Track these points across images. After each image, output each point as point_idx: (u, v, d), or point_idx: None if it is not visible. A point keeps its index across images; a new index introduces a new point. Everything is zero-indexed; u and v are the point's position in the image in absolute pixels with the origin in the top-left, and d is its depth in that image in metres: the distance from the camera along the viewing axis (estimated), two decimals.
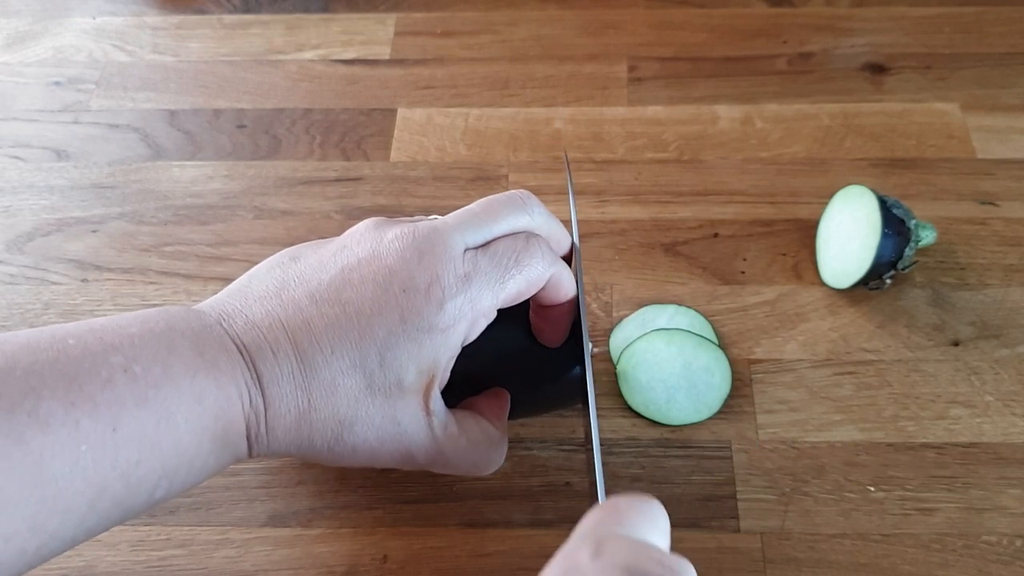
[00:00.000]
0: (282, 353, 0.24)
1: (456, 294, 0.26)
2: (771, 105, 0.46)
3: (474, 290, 0.26)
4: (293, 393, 0.24)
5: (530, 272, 0.27)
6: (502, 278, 0.26)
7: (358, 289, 0.25)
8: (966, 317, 0.38)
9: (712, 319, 0.38)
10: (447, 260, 0.26)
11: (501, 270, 0.27)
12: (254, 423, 0.24)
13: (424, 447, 0.27)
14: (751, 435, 0.35)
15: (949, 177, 0.43)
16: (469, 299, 0.26)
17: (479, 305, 0.26)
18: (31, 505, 0.20)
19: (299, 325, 0.25)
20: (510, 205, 0.28)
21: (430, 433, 0.27)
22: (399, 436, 0.26)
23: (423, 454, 0.27)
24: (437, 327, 0.25)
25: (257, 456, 0.26)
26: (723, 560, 0.32)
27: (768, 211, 0.42)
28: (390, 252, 0.26)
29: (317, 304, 0.25)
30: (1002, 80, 0.47)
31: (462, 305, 0.26)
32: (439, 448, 0.27)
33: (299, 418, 0.25)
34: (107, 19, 0.53)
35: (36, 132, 0.47)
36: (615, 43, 0.50)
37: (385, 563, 0.32)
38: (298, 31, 0.52)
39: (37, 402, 0.20)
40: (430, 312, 0.25)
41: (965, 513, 0.32)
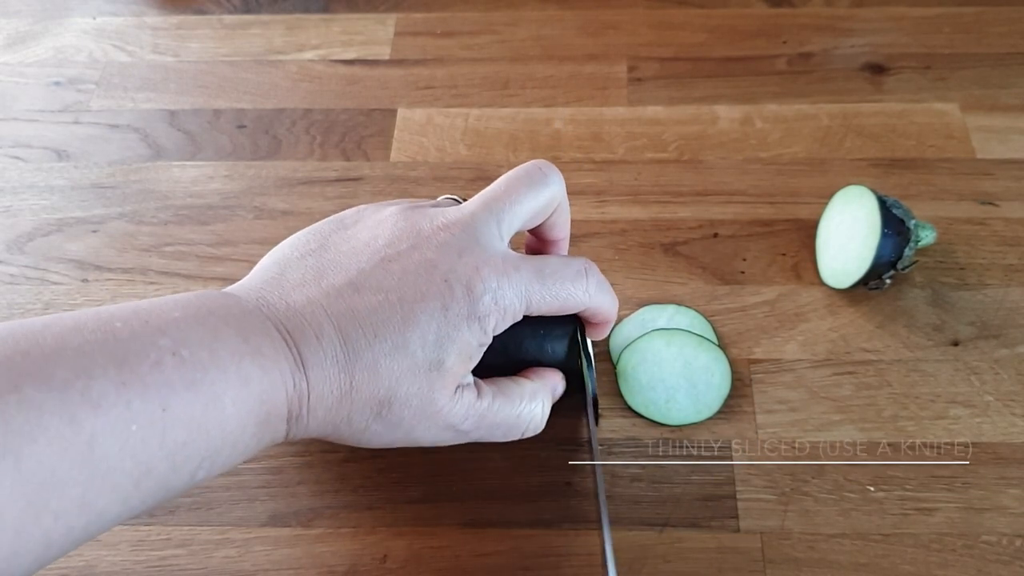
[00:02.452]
0: (326, 337, 0.25)
1: (494, 289, 0.27)
2: (771, 105, 0.46)
3: (509, 291, 0.27)
4: (336, 376, 0.25)
5: (568, 301, 0.29)
6: (538, 294, 0.28)
7: (400, 279, 0.27)
8: (966, 317, 0.38)
9: (712, 319, 0.38)
10: (488, 256, 0.28)
11: (538, 285, 0.28)
12: (296, 406, 0.25)
13: (465, 417, 0.28)
14: (751, 435, 0.35)
15: (949, 177, 0.43)
16: (503, 297, 0.27)
17: (509, 307, 0.28)
18: (81, 484, 0.20)
19: (342, 311, 0.26)
20: (529, 180, 0.30)
21: (468, 404, 0.28)
22: (438, 413, 0.27)
23: (467, 424, 0.28)
24: (475, 315, 0.27)
25: (292, 439, 0.26)
26: (723, 560, 0.32)
27: (768, 211, 0.42)
28: (430, 246, 0.27)
29: (359, 291, 0.26)
30: (1002, 80, 0.47)
31: (499, 299, 0.27)
32: (480, 414, 0.28)
33: (340, 399, 0.26)
34: (107, 19, 0.53)
35: (36, 132, 0.47)
36: (615, 43, 0.50)
37: (385, 563, 0.32)
38: (298, 31, 0.52)
39: (89, 382, 0.21)
40: (471, 303, 0.27)
41: (965, 513, 0.33)
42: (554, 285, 0.28)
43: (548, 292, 0.28)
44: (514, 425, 0.30)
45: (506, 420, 0.29)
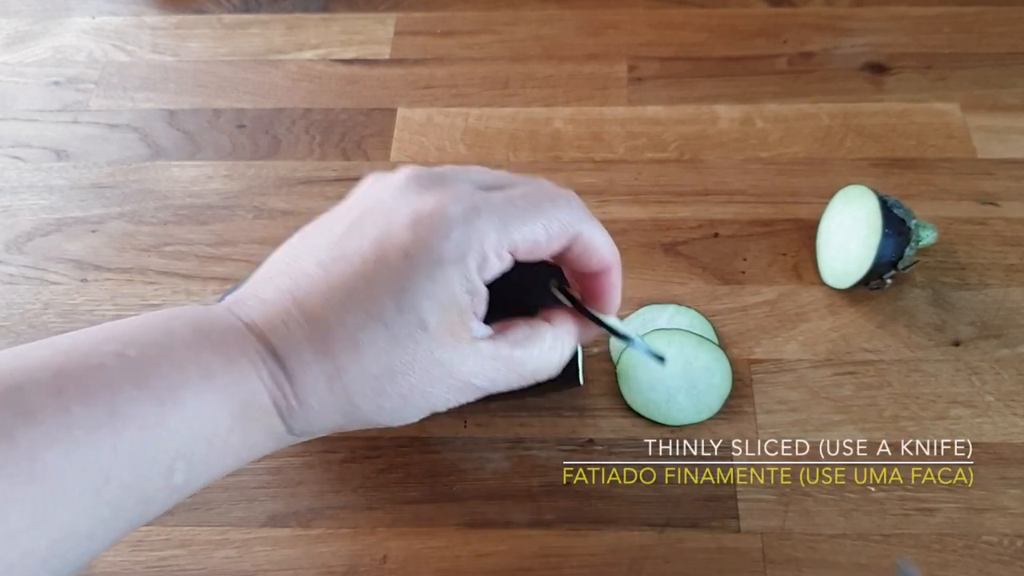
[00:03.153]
0: (293, 322, 0.24)
1: (462, 223, 0.24)
2: (771, 105, 0.46)
3: (482, 222, 0.24)
4: (316, 360, 0.23)
5: (551, 222, 0.25)
6: (516, 218, 0.24)
7: (359, 240, 0.24)
8: (966, 317, 0.38)
9: (712, 319, 0.38)
10: (453, 189, 0.24)
11: (516, 210, 0.24)
12: (281, 398, 0.24)
13: (481, 372, 0.25)
14: (751, 435, 0.35)
15: (949, 177, 0.43)
16: (477, 230, 0.24)
17: (487, 240, 0.24)
18: (29, 501, 0.19)
19: (306, 291, 0.24)
20: (553, 198, 0.26)
21: (483, 358, 0.25)
22: (449, 373, 0.25)
23: (484, 380, 0.26)
24: (446, 258, 0.23)
25: (303, 435, 0.25)
26: (724, 560, 0.32)
27: (768, 211, 0.42)
28: (393, 192, 0.25)
29: (324, 267, 0.24)
30: (1002, 80, 0.47)
31: (470, 235, 0.23)
32: (496, 367, 0.26)
33: (330, 384, 0.24)
34: (107, 19, 0.53)
35: (36, 132, 0.47)
36: (615, 43, 0.50)
37: (385, 563, 0.32)
38: (298, 31, 0.52)
39: (20, 395, 0.20)
40: (435, 242, 0.23)
41: (965, 513, 0.32)
42: (533, 206, 0.25)
43: (528, 214, 0.24)
44: (532, 372, 0.27)
45: (524, 368, 0.26)
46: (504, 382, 0.26)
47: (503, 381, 0.26)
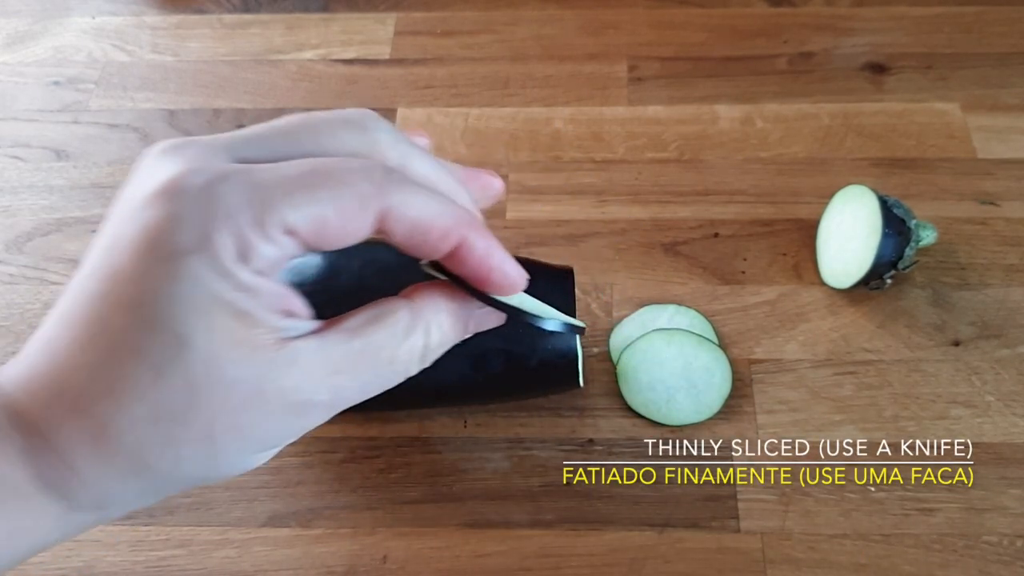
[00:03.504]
0: (41, 376, 0.18)
1: (199, 198, 0.18)
2: (771, 105, 0.46)
3: (228, 192, 0.18)
4: (70, 418, 0.18)
5: (340, 193, 0.18)
6: (282, 190, 0.18)
7: (94, 250, 0.19)
8: (967, 317, 0.38)
9: (712, 319, 0.38)
10: (196, 158, 0.18)
11: (284, 180, 0.18)
12: (47, 468, 0.18)
13: (313, 381, 0.19)
14: (751, 435, 0.35)
15: (949, 177, 0.43)
16: (220, 204, 0.17)
17: (239, 216, 0.17)
18: None
19: (54, 334, 0.19)
20: (346, 166, 0.19)
21: (305, 363, 0.19)
22: (260, 393, 0.18)
23: (321, 389, 0.19)
24: (182, 247, 0.17)
25: (104, 508, 0.19)
26: (724, 560, 0.32)
27: (768, 211, 0.42)
28: (133, 176, 0.19)
29: (70, 297, 0.19)
30: (1002, 80, 0.47)
31: (212, 210, 0.17)
32: (334, 367, 0.19)
33: (96, 444, 0.18)
34: (107, 19, 0.53)
35: (36, 132, 0.47)
36: (615, 43, 0.50)
37: (385, 563, 0.32)
38: (298, 31, 0.52)
39: None
40: (167, 228, 0.17)
41: (966, 513, 0.32)
42: (310, 173, 0.18)
43: (302, 184, 0.18)
44: (391, 363, 0.20)
45: (377, 360, 0.20)
46: (358, 387, 0.20)
47: (357, 386, 0.20)
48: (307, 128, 0.20)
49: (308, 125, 0.20)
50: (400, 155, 0.20)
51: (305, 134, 0.20)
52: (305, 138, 0.20)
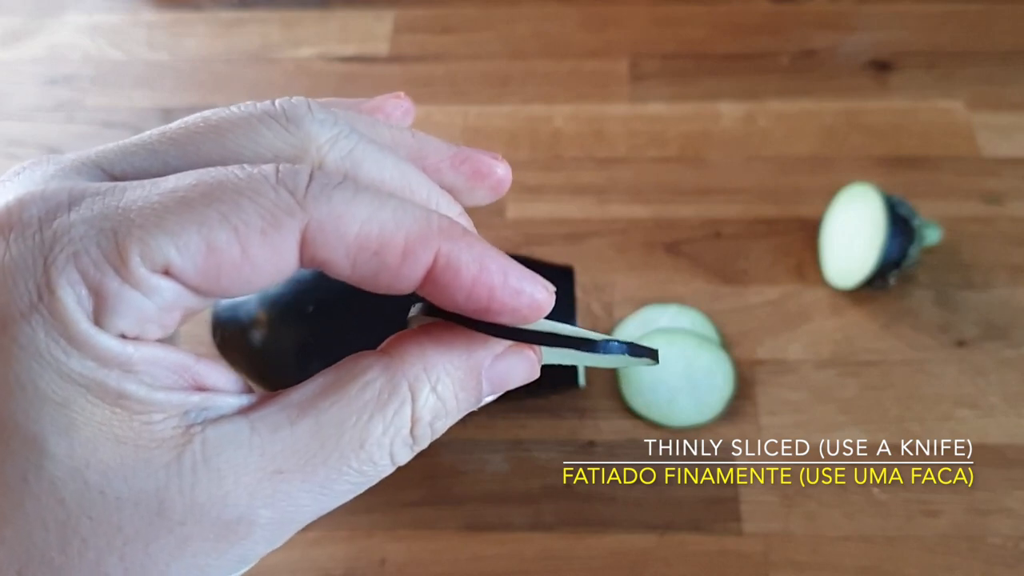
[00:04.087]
0: None
1: (36, 233, 0.13)
2: (774, 103, 0.46)
3: (72, 224, 0.13)
4: None
5: (242, 212, 0.13)
6: (152, 215, 0.13)
7: None
8: (971, 317, 0.37)
9: (714, 319, 0.38)
10: (44, 180, 0.14)
11: (160, 203, 0.13)
12: None
13: (239, 490, 0.13)
14: (754, 437, 0.34)
15: (954, 176, 0.42)
16: (60, 240, 0.13)
17: (83, 257, 0.12)
18: None
19: None
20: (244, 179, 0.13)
21: (225, 461, 0.13)
22: (161, 511, 0.13)
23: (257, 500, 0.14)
24: (12, 307, 0.12)
25: None
26: (726, 563, 0.31)
27: (771, 210, 0.42)
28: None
29: None
30: (1007, 78, 0.46)
31: (50, 251, 0.13)
32: (272, 465, 0.14)
33: None
34: (102, 16, 0.53)
35: (31, 130, 0.47)
36: (616, 39, 0.49)
37: (383, 567, 0.32)
38: (295, 28, 0.51)
39: None
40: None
41: (970, 515, 0.32)
42: (198, 193, 0.13)
43: (183, 206, 0.13)
44: (357, 467, 0.14)
45: (333, 465, 0.14)
46: (315, 492, 0.14)
47: (312, 491, 0.14)
48: (211, 130, 0.14)
49: (212, 125, 0.15)
50: (344, 153, 0.15)
51: (207, 138, 0.14)
52: (207, 143, 0.14)
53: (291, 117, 0.15)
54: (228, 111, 0.15)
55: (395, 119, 0.18)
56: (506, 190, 0.18)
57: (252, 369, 0.33)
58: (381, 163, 0.15)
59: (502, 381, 0.16)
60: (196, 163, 0.14)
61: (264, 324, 0.31)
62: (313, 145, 0.14)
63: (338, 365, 0.15)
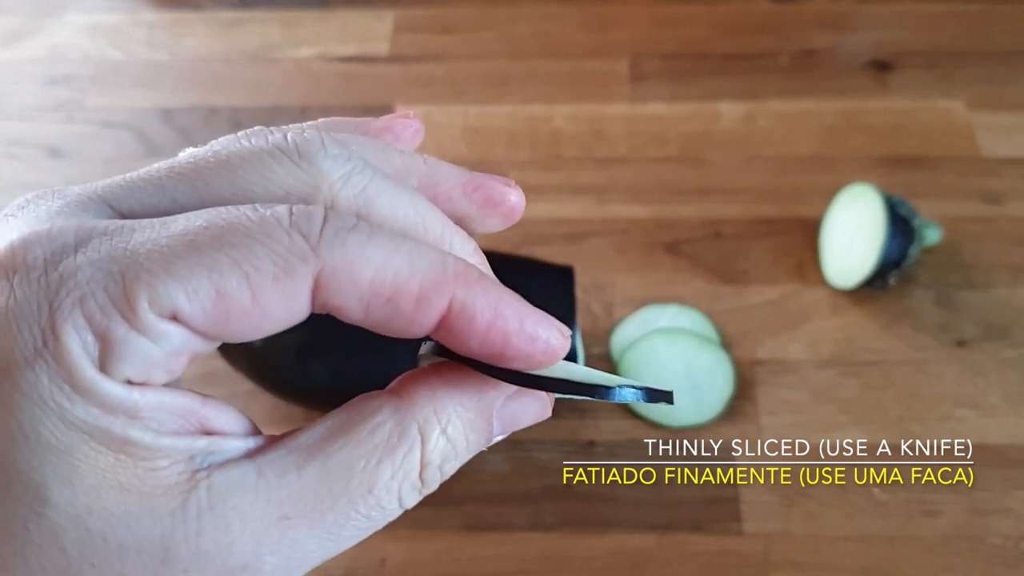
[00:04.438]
0: None
1: (41, 276, 0.12)
2: (774, 103, 0.46)
3: (83, 274, 0.12)
4: None
5: (253, 257, 0.13)
6: (161, 259, 0.12)
7: None
8: (972, 317, 0.37)
9: (714, 319, 0.38)
10: (49, 218, 0.13)
11: (170, 246, 0.13)
12: None
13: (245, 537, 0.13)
14: (754, 437, 0.34)
15: (954, 176, 0.42)
16: (73, 290, 0.12)
17: (93, 303, 0.12)
18: None
19: None
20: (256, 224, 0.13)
21: (231, 506, 0.13)
22: (167, 559, 0.13)
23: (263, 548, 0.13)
24: (16, 355, 0.12)
25: None
26: (726, 563, 0.31)
27: (771, 210, 0.42)
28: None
29: None
30: (1008, 78, 0.46)
31: (56, 295, 0.12)
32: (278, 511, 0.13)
33: None
34: (102, 16, 0.53)
35: (30, 130, 0.47)
36: (616, 39, 0.49)
37: (384, 567, 0.32)
38: (295, 27, 0.51)
39: None
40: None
41: (970, 515, 0.32)
42: (209, 237, 0.13)
43: (194, 250, 0.13)
44: (365, 513, 0.14)
45: (341, 511, 0.14)
46: (321, 539, 0.14)
47: (318, 537, 0.14)
48: (221, 165, 0.14)
49: (222, 161, 0.14)
50: (357, 191, 0.14)
51: (217, 174, 0.14)
52: (217, 180, 0.14)
53: (303, 153, 0.14)
54: (239, 144, 0.15)
55: (404, 140, 0.18)
56: (519, 217, 0.17)
57: (252, 369, 0.33)
58: (394, 200, 0.15)
59: (513, 421, 0.16)
60: (205, 200, 0.14)
61: None
62: (325, 183, 0.14)
63: (347, 406, 0.15)
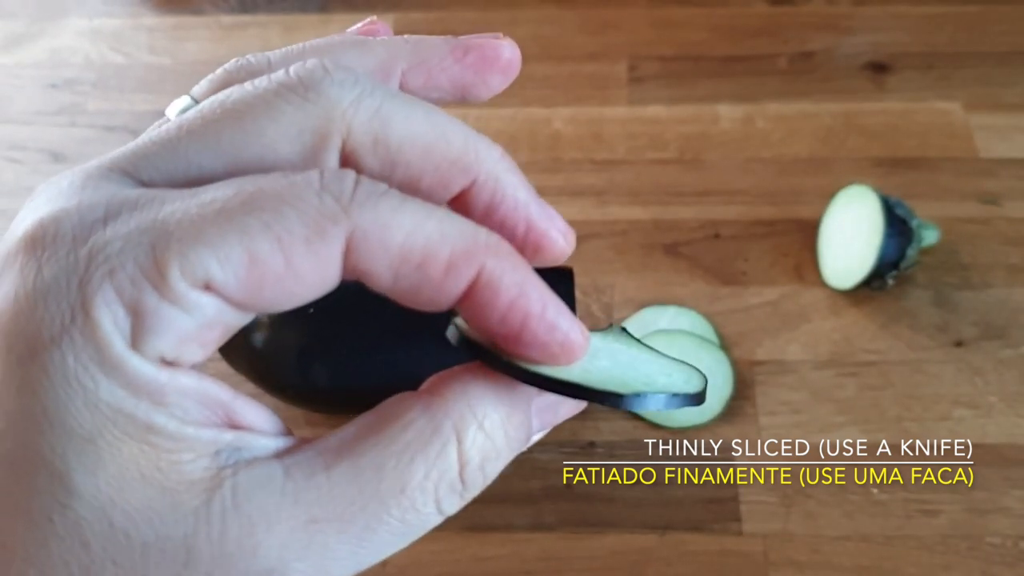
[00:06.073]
0: None
1: (69, 250, 0.12)
2: (772, 104, 0.46)
3: (113, 246, 0.12)
4: None
5: (285, 220, 0.12)
6: (192, 226, 0.12)
7: None
8: (969, 317, 0.38)
9: (713, 320, 0.38)
10: (68, 192, 0.13)
11: (199, 214, 0.12)
12: None
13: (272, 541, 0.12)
14: (753, 437, 0.34)
15: (952, 177, 0.43)
16: (103, 263, 0.12)
17: (124, 275, 0.12)
18: None
19: None
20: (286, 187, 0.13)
21: (258, 506, 0.12)
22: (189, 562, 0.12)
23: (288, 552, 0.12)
24: (43, 339, 0.12)
25: None
26: (726, 563, 0.31)
27: (770, 211, 0.42)
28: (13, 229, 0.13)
29: None
30: (1005, 79, 0.46)
31: (85, 268, 0.12)
32: (306, 514, 0.13)
33: None
34: (103, 20, 0.53)
35: (32, 134, 0.47)
36: (615, 42, 0.50)
37: (385, 568, 0.32)
38: (295, 32, 0.51)
39: None
40: (20, 304, 0.12)
41: (969, 515, 0.32)
42: (241, 203, 0.12)
43: (224, 217, 0.12)
44: (399, 516, 0.13)
45: (373, 514, 0.13)
46: (352, 545, 0.13)
47: (350, 543, 0.13)
48: (228, 115, 0.13)
49: (228, 110, 0.13)
50: (371, 113, 0.14)
51: (225, 125, 0.13)
52: (227, 131, 0.13)
53: (308, 85, 0.13)
54: (242, 90, 0.14)
55: (484, 62, 0.17)
56: (517, 71, 0.17)
57: (253, 370, 0.33)
58: (411, 116, 0.14)
59: (552, 415, 0.15)
60: (219, 154, 0.13)
61: (265, 326, 0.31)
62: (337, 111, 0.13)
63: (378, 407, 0.14)
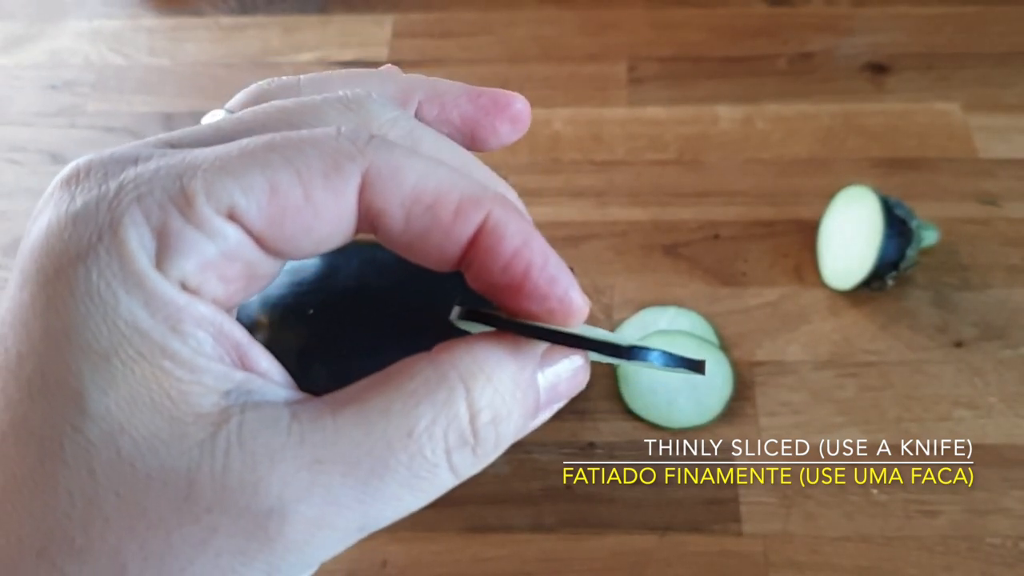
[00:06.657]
0: None
1: (101, 179, 0.13)
2: (772, 105, 0.46)
3: (139, 170, 0.13)
4: None
5: (304, 155, 0.13)
6: (218, 161, 0.13)
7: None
8: (969, 318, 0.38)
9: (713, 321, 0.38)
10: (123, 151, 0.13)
11: (228, 153, 0.13)
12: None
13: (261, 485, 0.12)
14: (753, 438, 0.34)
15: (951, 177, 0.43)
16: (134, 185, 0.12)
17: (154, 197, 0.12)
18: None
19: None
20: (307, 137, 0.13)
21: (270, 451, 0.12)
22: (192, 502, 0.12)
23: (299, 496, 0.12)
24: (72, 255, 0.12)
25: None
26: (726, 564, 0.31)
27: (769, 212, 0.42)
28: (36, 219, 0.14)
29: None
30: (1004, 80, 0.46)
31: (115, 194, 0.12)
32: (325, 457, 0.12)
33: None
34: (103, 22, 0.53)
35: (32, 136, 0.47)
36: (614, 43, 0.50)
37: (385, 568, 0.32)
38: (295, 33, 0.51)
39: None
40: (58, 232, 0.12)
41: (969, 515, 0.32)
42: (263, 145, 0.13)
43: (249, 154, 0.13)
44: (406, 463, 0.13)
45: (379, 458, 0.13)
46: (357, 489, 0.13)
47: (355, 486, 0.13)
48: (285, 117, 0.14)
49: (287, 113, 0.14)
50: (404, 132, 0.15)
51: (275, 121, 0.14)
52: (275, 125, 0.14)
53: (352, 99, 0.15)
54: (299, 101, 0.15)
55: (496, 108, 0.18)
56: (526, 126, 0.18)
57: None
58: (438, 143, 0.15)
59: (554, 387, 0.15)
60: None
61: (265, 327, 0.31)
62: (376, 123, 0.15)
63: (386, 369, 0.14)
